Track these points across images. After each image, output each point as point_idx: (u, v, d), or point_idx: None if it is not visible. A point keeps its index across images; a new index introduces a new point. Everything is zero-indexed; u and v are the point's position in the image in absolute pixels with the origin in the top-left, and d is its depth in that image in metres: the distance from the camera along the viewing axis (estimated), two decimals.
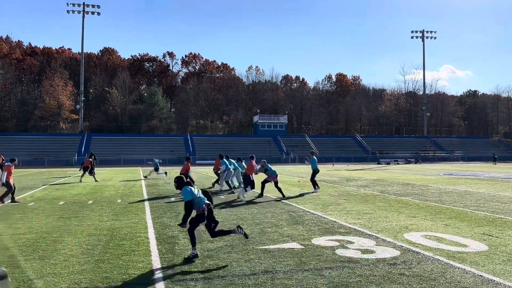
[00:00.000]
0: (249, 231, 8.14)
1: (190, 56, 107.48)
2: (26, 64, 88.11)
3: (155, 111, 79.36)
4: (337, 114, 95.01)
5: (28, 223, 9.15)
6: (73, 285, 4.95)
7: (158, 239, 7.49)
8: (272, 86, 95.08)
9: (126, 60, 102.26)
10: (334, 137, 78.77)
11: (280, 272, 5.47)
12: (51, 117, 72.86)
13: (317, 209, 11.26)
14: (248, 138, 73.92)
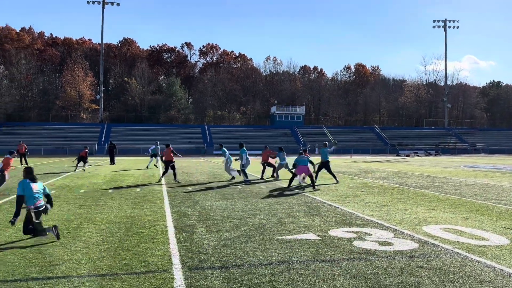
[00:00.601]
0: (265, 221, 8.17)
1: (207, 47, 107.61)
2: (47, 55, 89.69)
3: (173, 101, 79.91)
4: (355, 105, 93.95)
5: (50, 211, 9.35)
6: (93, 271, 5.06)
7: (176, 228, 7.58)
8: (290, 77, 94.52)
9: (145, 50, 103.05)
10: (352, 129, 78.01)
11: (296, 262, 5.48)
12: (72, 107, 74.15)
13: (334, 200, 11.21)
14: (265, 129, 73.90)
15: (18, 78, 73.95)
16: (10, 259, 5.55)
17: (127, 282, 4.70)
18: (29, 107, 74.89)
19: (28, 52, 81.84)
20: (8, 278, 4.79)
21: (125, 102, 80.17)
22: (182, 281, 4.73)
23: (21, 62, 75.09)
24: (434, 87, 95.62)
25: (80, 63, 76.99)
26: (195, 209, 9.73)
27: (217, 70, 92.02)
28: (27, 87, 76.24)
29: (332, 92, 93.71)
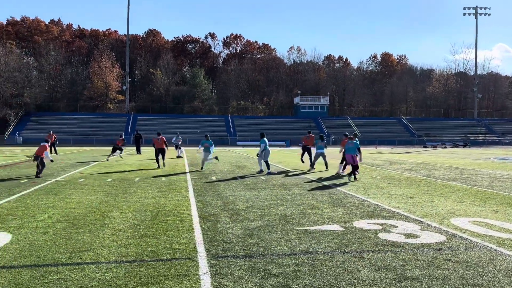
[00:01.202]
0: (289, 212, 8.16)
1: (231, 37, 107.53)
2: (75, 46, 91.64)
3: (197, 92, 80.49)
4: (381, 95, 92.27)
5: (79, 198, 9.64)
6: (121, 258, 5.17)
7: (200, 217, 7.67)
8: (314, 67, 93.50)
9: (170, 41, 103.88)
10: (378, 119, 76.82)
11: (320, 253, 5.45)
12: (99, 98, 75.69)
13: (359, 192, 11.08)
14: (289, 119, 73.60)
15: (47, 69, 75.92)
16: (41, 244, 5.73)
17: (153, 268, 4.79)
18: (58, 98, 76.89)
19: (57, 43, 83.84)
20: (39, 263, 4.96)
21: (151, 93, 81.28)
22: (207, 269, 4.78)
23: (50, 54, 76.99)
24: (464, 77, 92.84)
25: (107, 54, 78.33)
26: (219, 198, 9.81)
27: (241, 61, 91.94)
28: (56, 78, 78.18)
29: (358, 82, 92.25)
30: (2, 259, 5.08)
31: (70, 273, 4.60)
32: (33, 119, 63.81)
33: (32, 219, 7.37)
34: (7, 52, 68.49)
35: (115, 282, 4.35)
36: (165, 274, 4.62)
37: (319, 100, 75.51)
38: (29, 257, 5.17)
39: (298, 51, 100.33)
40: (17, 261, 5.01)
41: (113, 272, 4.65)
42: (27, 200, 9.36)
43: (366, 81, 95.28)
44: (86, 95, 75.85)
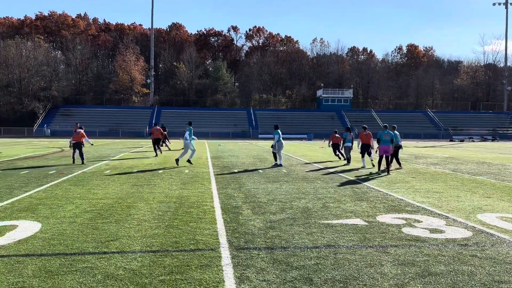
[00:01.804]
0: (311, 205, 8.15)
1: (254, 30, 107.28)
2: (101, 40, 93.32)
3: (220, 85, 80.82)
4: (407, 87, 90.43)
5: (105, 189, 9.88)
6: (145, 248, 5.29)
7: (223, 209, 7.74)
8: (337, 59, 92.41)
9: (193, 35, 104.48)
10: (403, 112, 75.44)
11: (343, 247, 5.43)
12: (124, 91, 77.02)
13: (383, 186, 10.95)
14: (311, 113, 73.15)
15: (74, 63, 77.65)
16: (69, 234, 5.92)
17: (177, 258, 4.88)
18: (84, 91, 78.65)
19: (83, 37, 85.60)
20: (67, 251, 5.12)
21: (174, 86, 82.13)
22: (229, 260, 4.84)
23: (77, 48, 78.68)
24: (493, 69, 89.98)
25: (132, 48, 79.47)
26: (241, 191, 9.87)
27: (263, 53, 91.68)
28: (82, 72, 79.92)
29: (382, 74, 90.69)
30: (33, 247, 5.27)
31: (96, 262, 4.74)
32: (61, 112, 65.54)
33: (60, 209, 7.60)
34: (35, 47, 70.41)
35: (140, 271, 4.45)
36: (188, 264, 4.70)
37: (343, 93, 74.64)
38: (58, 245, 5.35)
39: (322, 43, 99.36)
40: (46, 249, 5.19)
41: (138, 262, 4.76)
42: (55, 190, 9.66)
43: (391, 73, 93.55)
44: (112, 89, 77.28)
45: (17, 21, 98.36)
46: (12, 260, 4.77)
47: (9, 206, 7.80)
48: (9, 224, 6.40)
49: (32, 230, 6.08)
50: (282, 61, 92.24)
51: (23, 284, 4.08)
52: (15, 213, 7.22)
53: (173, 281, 4.21)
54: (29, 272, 4.39)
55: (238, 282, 4.19)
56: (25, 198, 8.60)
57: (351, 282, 4.23)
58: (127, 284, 4.10)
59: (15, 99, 65.12)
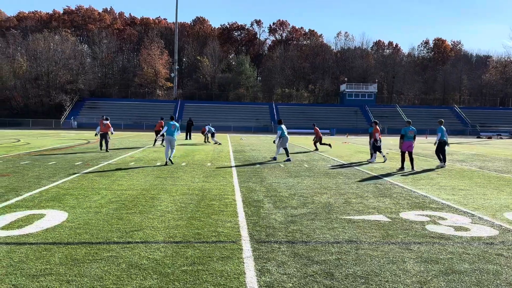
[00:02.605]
0: (333, 201, 8.10)
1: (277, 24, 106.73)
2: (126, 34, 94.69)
3: (242, 79, 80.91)
4: (433, 83, 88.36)
5: (130, 181, 10.07)
6: (169, 239, 5.38)
7: (244, 202, 7.78)
8: (362, 53, 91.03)
9: (216, 29, 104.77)
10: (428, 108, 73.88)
11: (365, 243, 5.38)
12: (148, 85, 78.06)
13: (407, 182, 10.77)
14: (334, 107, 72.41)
15: (100, 57, 79.10)
16: (94, 223, 6.07)
17: (199, 250, 4.94)
18: (110, 84, 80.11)
19: (109, 31, 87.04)
20: (93, 240, 5.26)
21: (197, 80, 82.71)
22: (251, 253, 4.87)
23: (103, 42, 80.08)
24: None
25: (156, 42, 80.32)
26: (262, 185, 9.89)
27: (286, 47, 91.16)
28: (108, 65, 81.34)
29: (408, 69, 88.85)
30: (60, 235, 5.43)
31: (121, 251, 4.85)
32: (87, 105, 67.00)
33: (86, 199, 7.80)
34: (63, 40, 72.04)
35: (163, 261, 4.54)
36: (210, 255, 4.76)
37: (367, 88, 73.57)
38: (84, 234, 5.50)
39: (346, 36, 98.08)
40: (72, 238, 5.34)
41: (161, 252, 4.85)
42: (81, 181, 9.91)
43: (417, 68, 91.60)
44: (136, 82, 78.44)
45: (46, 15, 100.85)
46: (40, 247, 4.94)
47: (37, 195, 8.06)
48: (37, 213, 6.62)
49: (59, 219, 6.26)
50: (306, 55, 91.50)
51: (50, 271, 4.22)
52: (43, 202, 7.45)
53: (195, 271, 4.27)
54: (56, 260, 4.54)
55: (259, 275, 4.22)
56: (52, 188, 8.86)
57: (373, 278, 4.20)
58: (150, 274, 4.19)
59: (43, 92, 66.93)
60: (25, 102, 66.40)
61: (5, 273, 4.13)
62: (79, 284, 3.90)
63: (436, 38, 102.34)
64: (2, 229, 5.67)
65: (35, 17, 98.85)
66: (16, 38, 76.43)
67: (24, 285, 3.87)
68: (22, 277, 4.05)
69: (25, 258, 4.55)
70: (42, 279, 4.02)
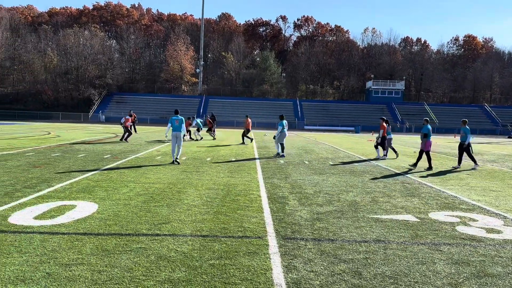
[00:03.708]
0: (359, 199, 8.00)
1: (302, 19, 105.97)
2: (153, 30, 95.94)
3: (267, 75, 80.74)
4: (463, 80, 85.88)
5: (157, 174, 10.23)
6: (196, 232, 5.44)
7: (269, 198, 7.78)
8: (389, 49, 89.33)
9: (241, 25, 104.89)
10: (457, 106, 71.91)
11: (393, 242, 5.30)
12: (174, 80, 78.90)
13: (435, 182, 10.53)
14: (360, 104, 71.41)
15: (127, 52, 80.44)
16: (123, 215, 6.19)
17: (225, 244, 4.98)
18: (137, 80, 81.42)
19: (136, 27, 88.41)
20: (122, 232, 5.37)
21: (222, 76, 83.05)
22: (277, 249, 4.87)
23: (130, 37, 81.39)
24: None
25: (182, 38, 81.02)
26: (287, 181, 9.86)
27: (312, 44, 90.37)
28: (135, 61, 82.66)
29: (437, 66, 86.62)
30: (90, 226, 5.57)
31: (150, 243, 4.93)
32: (115, 99, 68.33)
33: (115, 191, 7.96)
34: (92, 36, 73.64)
35: (191, 254, 4.59)
36: (236, 250, 4.78)
37: (394, 85, 72.21)
38: (113, 226, 5.62)
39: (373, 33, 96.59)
40: (103, 229, 5.47)
41: (189, 245, 4.90)
42: (110, 173, 10.13)
43: (447, 65, 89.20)
44: (163, 78, 79.40)
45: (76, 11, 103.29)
46: (72, 237, 5.08)
47: (68, 187, 8.28)
48: (68, 204, 6.80)
49: (90, 210, 6.42)
50: (331, 51, 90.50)
51: (82, 260, 4.33)
52: (74, 193, 7.65)
53: (222, 265, 4.30)
54: (87, 250, 4.65)
55: (286, 271, 4.21)
56: (82, 180, 9.09)
57: (402, 279, 4.13)
58: (178, 266, 4.25)
59: (73, 86, 68.67)
60: (55, 96, 68.27)
61: (40, 261, 4.26)
62: (110, 274, 3.99)
63: (467, 35, 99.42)
64: (35, 218, 5.85)
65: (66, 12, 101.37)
66: (47, 34, 78.67)
67: (57, 273, 3.99)
68: (56, 265, 4.18)
69: (58, 248, 4.69)
70: (75, 268, 4.13)
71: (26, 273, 3.97)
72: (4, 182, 8.55)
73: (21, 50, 71.91)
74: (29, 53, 71.67)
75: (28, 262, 4.25)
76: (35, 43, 74.19)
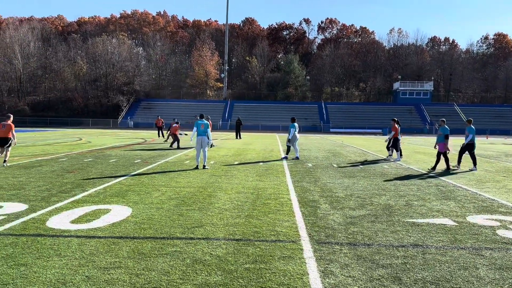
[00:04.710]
0: (393, 203, 7.82)
1: (326, 22, 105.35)
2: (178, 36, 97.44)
3: (291, 79, 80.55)
4: (494, 80, 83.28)
5: (186, 178, 10.31)
6: (229, 236, 5.43)
7: (300, 202, 7.71)
8: (417, 50, 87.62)
9: (265, 29, 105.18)
10: (489, 107, 69.74)
11: (431, 247, 5.14)
12: (199, 85, 79.81)
13: (471, 185, 10.20)
14: (387, 106, 70.27)
15: (154, 59, 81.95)
16: (157, 219, 6.26)
17: (259, 248, 4.94)
18: (163, 86, 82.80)
19: (162, 34, 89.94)
20: (157, 235, 5.42)
21: (246, 80, 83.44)
22: (311, 253, 4.80)
23: (157, 44, 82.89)
24: None
25: (207, 44, 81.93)
26: (316, 185, 9.76)
27: (336, 46, 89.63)
28: (162, 67, 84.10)
29: (466, 66, 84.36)
30: (126, 230, 5.64)
31: (184, 247, 4.96)
32: (142, 105, 69.67)
33: (148, 195, 8.07)
34: (120, 43, 75.41)
35: (226, 258, 4.58)
36: (271, 254, 4.74)
37: (422, 86, 70.71)
38: (148, 229, 5.68)
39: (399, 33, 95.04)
40: (138, 232, 5.54)
41: (223, 249, 4.90)
42: (141, 178, 10.28)
43: (477, 65, 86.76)
44: (188, 83, 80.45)
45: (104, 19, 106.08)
46: (108, 241, 5.16)
47: (102, 191, 8.45)
48: (103, 208, 6.93)
49: (124, 214, 6.52)
50: (356, 53, 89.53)
51: (119, 264, 4.39)
52: (108, 198, 7.79)
53: (257, 270, 4.27)
54: (124, 253, 4.71)
55: (323, 276, 4.14)
56: (115, 184, 9.26)
57: (444, 284, 3.99)
58: (214, 270, 4.24)
59: (102, 93, 70.45)
60: (85, 103, 70.19)
61: (78, 265, 4.34)
62: (148, 278, 4.03)
63: (497, 33, 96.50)
64: (72, 222, 5.98)
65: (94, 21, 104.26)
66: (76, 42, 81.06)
67: (96, 277, 4.05)
68: (94, 269, 4.24)
69: (95, 251, 4.77)
70: (113, 271, 4.18)
71: (66, 276, 4.04)
72: (40, 187, 8.80)
73: (52, 59, 74.40)
74: (59, 62, 74.06)
75: (67, 265, 4.34)
76: (65, 51, 76.59)
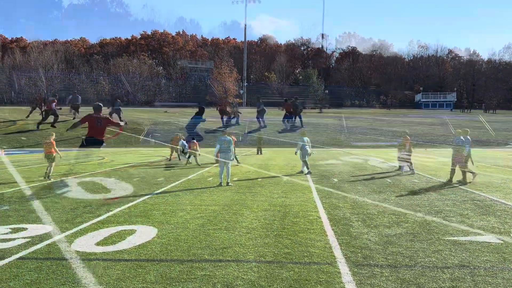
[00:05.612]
0: (429, 219, 7.41)
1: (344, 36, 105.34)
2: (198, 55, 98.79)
3: (310, 93, 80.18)
4: None
5: (211, 196, 10.10)
6: (259, 258, 5.15)
7: (330, 219, 7.38)
8: (437, 61, 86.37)
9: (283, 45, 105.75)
10: None
11: (480, 268, 4.75)
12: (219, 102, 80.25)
13: (509, 198, 9.66)
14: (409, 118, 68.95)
15: (174, 77, 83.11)
16: (184, 239, 6.03)
17: (293, 271, 4.65)
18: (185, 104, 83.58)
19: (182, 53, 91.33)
20: (185, 258, 5.18)
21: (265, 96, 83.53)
22: (351, 277, 4.48)
23: (176, 63, 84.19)
24: None
25: (226, 61, 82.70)
26: (345, 201, 9.39)
27: (355, 59, 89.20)
28: (181, 85, 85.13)
29: (489, 76, 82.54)
30: (152, 252, 5.43)
31: (214, 270, 4.70)
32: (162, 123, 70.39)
33: (173, 214, 7.87)
34: (140, 63, 76.90)
35: (259, 283, 4.30)
36: (306, 278, 4.44)
37: (445, 97, 69.44)
38: (175, 251, 5.46)
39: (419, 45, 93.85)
40: (165, 255, 5.32)
41: (255, 272, 4.62)
42: (165, 196, 10.12)
43: (500, 74, 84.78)
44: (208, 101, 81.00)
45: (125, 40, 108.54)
46: (135, 264, 4.95)
47: (126, 211, 8.30)
48: (128, 229, 6.76)
49: (149, 235, 6.32)
50: (375, 66, 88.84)
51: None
52: (132, 218, 7.63)
53: None
54: (151, 278, 4.49)
55: None
56: (140, 204, 9.11)
57: None
58: None
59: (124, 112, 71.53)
60: None
61: None
62: None
63: None
64: (97, 244, 5.82)
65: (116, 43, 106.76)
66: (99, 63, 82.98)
67: None
68: None
69: (122, 276, 4.56)
70: None
71: None
72: (65, 207, 8.72)
73: (75, 80, 76.27)
74: (82, 83, 75.82)
75: None
76: (88, 72, 78.46)
